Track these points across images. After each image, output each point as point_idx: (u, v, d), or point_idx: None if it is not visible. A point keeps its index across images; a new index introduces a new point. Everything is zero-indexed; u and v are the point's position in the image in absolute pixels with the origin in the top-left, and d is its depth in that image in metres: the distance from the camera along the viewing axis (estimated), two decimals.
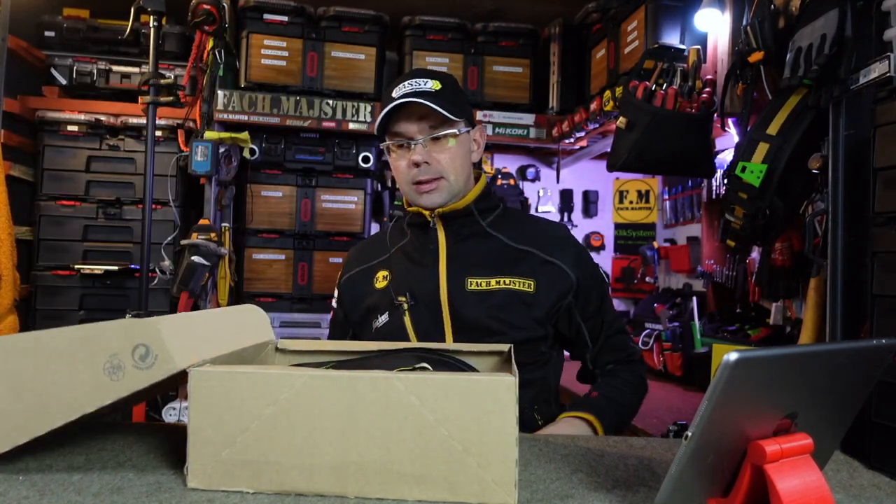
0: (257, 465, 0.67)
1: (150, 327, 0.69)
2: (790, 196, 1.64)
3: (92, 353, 0.70)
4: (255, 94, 2.90)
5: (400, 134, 1.19)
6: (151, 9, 2.25)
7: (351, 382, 0.66)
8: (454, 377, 0.66)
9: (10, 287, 2.27)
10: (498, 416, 0.65)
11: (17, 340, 0.73)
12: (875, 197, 1.33)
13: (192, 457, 0.67)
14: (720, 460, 0.59)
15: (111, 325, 0.70)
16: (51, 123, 2.83)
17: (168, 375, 0.69)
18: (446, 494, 0.66)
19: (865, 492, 0.76)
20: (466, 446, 0.65)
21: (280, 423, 0.66)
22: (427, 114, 1.17)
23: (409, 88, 1.17)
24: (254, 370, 0.68)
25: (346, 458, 0.66)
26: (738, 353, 0.52)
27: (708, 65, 2.20)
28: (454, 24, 3.07)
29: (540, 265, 1.22)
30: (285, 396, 0.66)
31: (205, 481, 0.67)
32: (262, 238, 3.03)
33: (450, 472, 0.65)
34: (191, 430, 0.67)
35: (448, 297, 1.19)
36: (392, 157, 1.23)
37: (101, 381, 0.69)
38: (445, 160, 1.19)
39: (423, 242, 1.25)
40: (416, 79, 1.19)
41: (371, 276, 1.30)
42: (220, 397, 0.67)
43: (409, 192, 1.23)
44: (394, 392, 0.66)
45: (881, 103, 1.33)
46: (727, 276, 2.58)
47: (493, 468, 0.65)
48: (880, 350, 0.66)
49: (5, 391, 0.71)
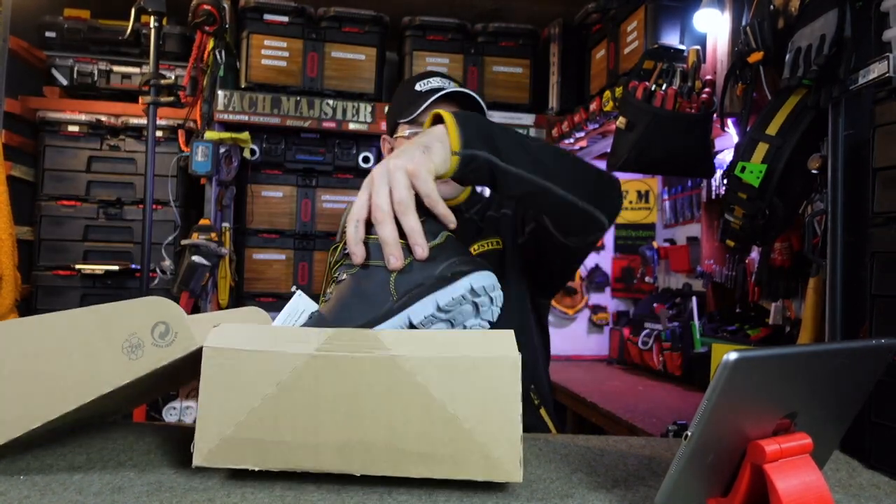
0: (262, 444, 0.67)
1: (170, 305, 0.69)
2: (790, 196, 1.64)
3: (110, 332, 0.70)
4: (255, 94, 2.90)
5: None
6: (152, 9, 2.25)
7: (355, 361, 0.67)
8: (458, 356, 0.67)
9: (11, 287, 2.27)
10: (502, 394, 0.65)
11: (32, 322, 0.72)
12: (874, 197, 1.33)
13: (199, 434, 0.67)
14: (720, 460, 0.59)
15: (129, 304, 0.70)
16: (51, 124, 2.84)
17: (188, 352, 0.69)
18: (452, 471, 0.66)
19: (865, 491, 0.76)
20: (472, 424, 0.66)
21: (285, 402, 0.67)
22: (455, 109, 1.20)
23: (438, 84, 1.22)
24: (259, 348, 0.68)
25: (352, 437, 0.67)
26: (737, 353, 0.52)
27: (707, 65, 2.20)
28: (454, 24, 3.07)
29: (498, 221, 1.29)
30: (290, 375, 0.67)
31: (210, 459, 0.67)
32: (263, 238, 3.03)
33: (455, 450, 0.66)
34: (200, 408, 0.68)
35: None
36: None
37: (120, 361, 0.69)
38: None
39: None
40: (440, 77, 1.25)
41: None
42: (228, 375, 0.67)
43: None
44: (398, 371, 0.66)
45: (880, 103, 1.34)
46: (727, 276, 2.58)
47: (499, 445, 0.65)
48: (880, 350, 0.66)
49: (21, 373, 0.71)
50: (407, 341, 0.69)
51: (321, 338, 0.69)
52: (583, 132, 2.90)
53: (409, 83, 1.26)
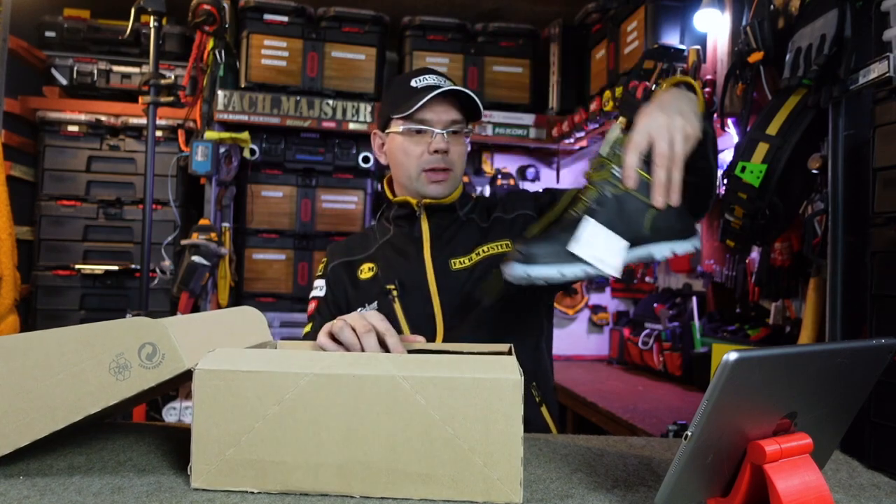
0: (262, 465, 0.67)
1: (157, 326, 0.69)
2: (790, 196, 1.64)
3: (97, 352, 0.69)
4: (255, 94, 2.90)
5: (426, 121, 1.22)
6: (152, 9, 2.25)
7: (356, 381, 0.66)
8: (459, 376, 0.66)
9: (10, 287, 2.27)
10: (503, 415, 0.65)
11: (20, 340, 0.72)
12: (874, 197, 1.33)
13: (196, 457, 0.67)
14: (720, 460, 0.59)
15: (117, 323, 0.70)
16: (51, 123, 2.84)
17: (175, 374, 0.69)
18: (452, 493, 0.66)
19: (865, 491, 0.76)
20: (472, 445, 0.65)
21: (285, 423, 0.66)
22: (451, 108, 1.23)
23: (434, 81, 1.23)
24: (259, 369, 0.68)
25: (352, 458, 0.66)
26: (737, 353, 0.52)
27: (708, 65, 2.20)
28: (454, 24, 3.07)
29: (509, 224, 1.29)
30: (290, 395, 0.66)
31: (209, 481, 0.67)
32: (263, 238, 3.03)
33: (455, 471, 0.66)
34: (195, 430, 0.67)
35: (435, 280, 1.23)
36: (403, 141, 1.24)
37: (107, 381, 0.69)
38: (457, 155, 1.25)
39: (407, 233, 1.30)
40: (435, 75, 1.25)
41: (355, 269, 1.32)
42: (225, 396, 0.67)
43: (414, 179, 1.25)
44: (399, 391, 0.66)
45: (881, 103, 1.33)
46: (727, 276, 2.58)
47: (499, 466, 0.65)
48: (880, 350, 0.66)
49: (9, 392, 0.71)
50: (408, 362, 0.69)
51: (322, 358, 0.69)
52: (583, 132, 2.90)
53: (405, 79, 1.26)
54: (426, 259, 1.25)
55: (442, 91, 1.19)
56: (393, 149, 1.27)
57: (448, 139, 1.22)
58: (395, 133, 1.25)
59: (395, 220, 1.32)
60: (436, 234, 1.28)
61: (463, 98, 1.23)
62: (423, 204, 1.26)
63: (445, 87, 1.20)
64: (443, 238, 1.28)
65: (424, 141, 1.23)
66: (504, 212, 1.31)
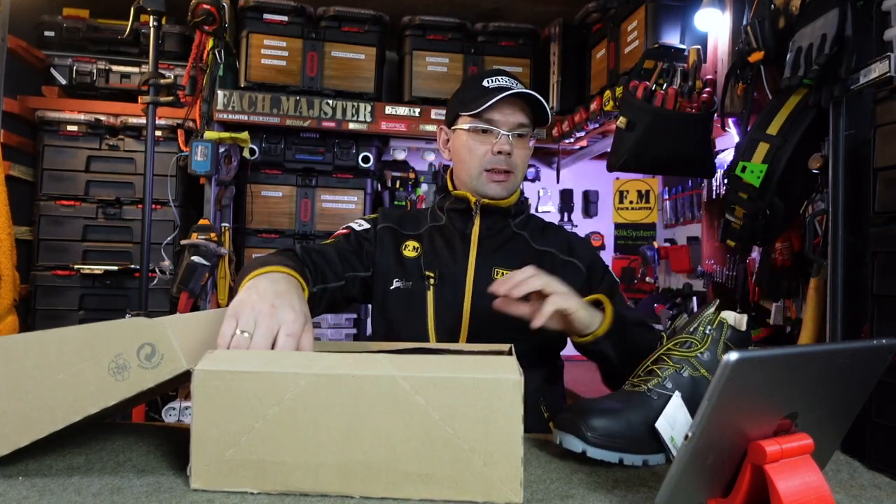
0: (262, 466, 0.67)
1: (156, 326, 0.69)
2: (790, 196, 1.64)
3: (96, 353, 0.69)
4: (254, 93, 2.90)
5: (493, 121, 1.23)
6: (151, 9, 2.25)
7: (356, 381, 0.66)
8: (459, 376, 0.66)
9: (9, 287, 2.27)
10: (503, 415, 0.65)
11: (18, 341, 0.72)
12: (875, 197, 1.33)
13: (196, 457, 0.67)
14: (720, 460, 0.59)
15: (116, 324, 0.70)
16: (50, 123, 2.83)
17: (174, 375, 0.69)
18: (452, 493, 0.66)
19: (865, 492, 0.76)
20: (472, 445, 0.65)
21: (285, 423, 0.66)
22: (519, 111, 1.23)
23: (506, 83, 1.24)
24: (258, 369, 0.68)
25: (352, 458, 0.66)
26: (738, 353, 0.52)
27: (708, 65, 2.20)
28: (454, 24, 3.07)
29: (560, 265, 1.28)
30: (290, 396, 0.66)
31: (208, 482, 0.67)
32: (262, 238, 3.03)
33: (455, 471, 0.65)
34: (194, 431, 0.67)
35: (473, 281, 1.24)
36: (468, 139, 1.25)
37: (106, 382, 0.69)
38: (520, 158, 1.27)
39: (459, 228, 1.30)
40: (508, 77, 1.26)
41: (400, 242, 1.31)
42: (225, 397, 0.67)
43: (475, 178, 1.26)
44: (399, 391, 0.66)
45: (881, 103, 1.33)
46: (727, 276, 2.58)
47: (499, 466, 0.65)
48: (880, 350, 0.66)
49: (7, 392, 0.71)
50: (407, 361, 0.69)
51: (322, 358, 0.69)
52: (583, 132, 2.90)
53: (477, 78, 1.28)
54: (470, 258, 1.26)
55: (512, 93, 1.20)
56: (458, 146, 1.28)
57: (512, 141, 1.23)
58: (461, 130, 1.26)
59: (450, 211, 1.32)
60: (485, 236, 1.28)
61: (532, 102, 1.23)
62: (481, 203, 1.27)
63: (516, 89, 1.21)
64: (492, 243, 1.28)
65: (489, 141, 1.24)
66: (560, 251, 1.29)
